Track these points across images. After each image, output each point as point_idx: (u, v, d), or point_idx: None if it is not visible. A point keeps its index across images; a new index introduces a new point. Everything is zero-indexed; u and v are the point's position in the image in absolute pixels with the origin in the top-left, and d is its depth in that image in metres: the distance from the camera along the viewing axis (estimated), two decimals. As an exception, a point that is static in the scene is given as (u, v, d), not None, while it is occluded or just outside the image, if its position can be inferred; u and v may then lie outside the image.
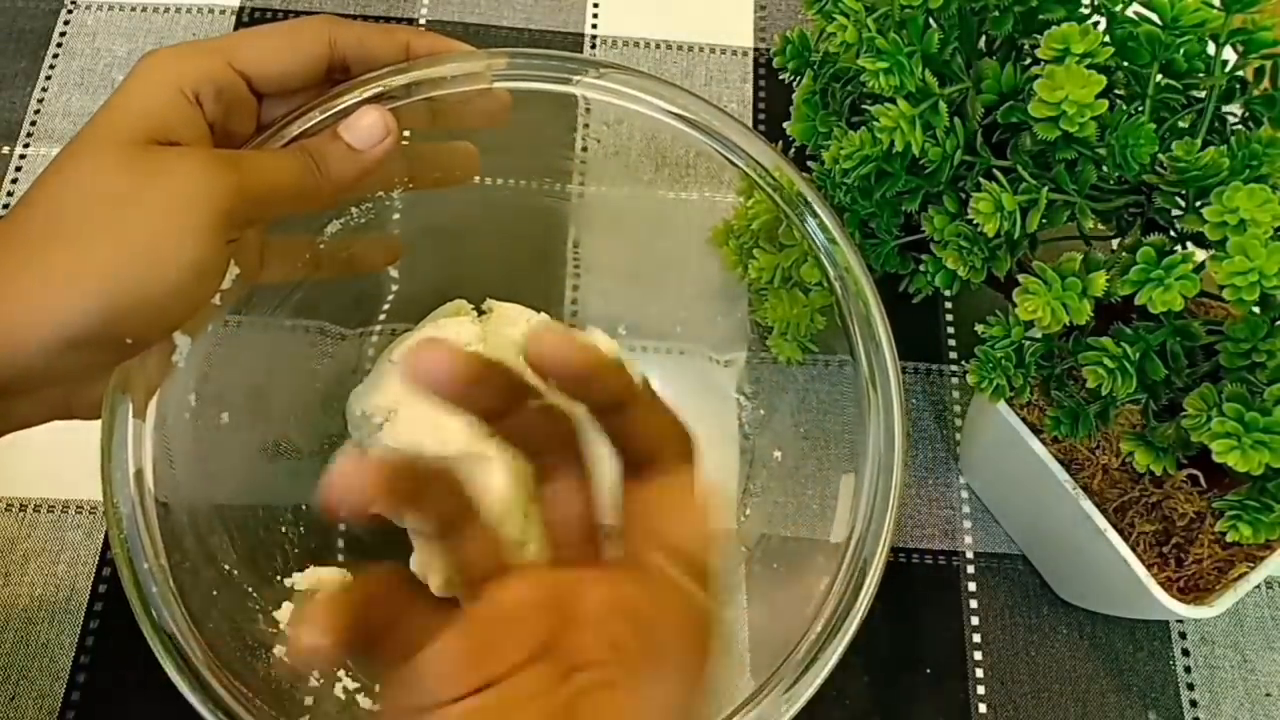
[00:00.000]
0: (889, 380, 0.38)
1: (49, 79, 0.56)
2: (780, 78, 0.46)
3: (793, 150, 0.45)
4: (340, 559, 0.44)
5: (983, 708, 0.46)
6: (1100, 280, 0.35)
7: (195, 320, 0.36)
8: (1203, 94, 0.37)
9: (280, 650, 0.39)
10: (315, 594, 0.42)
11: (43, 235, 0.31)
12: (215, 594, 0.37)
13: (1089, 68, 0.34)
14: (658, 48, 0.60)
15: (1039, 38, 0.35)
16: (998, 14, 0.38)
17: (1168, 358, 0.36)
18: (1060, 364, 0.39)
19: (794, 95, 0.45)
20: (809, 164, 0.44)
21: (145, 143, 0.32)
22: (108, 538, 0.45)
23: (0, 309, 0.30)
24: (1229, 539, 0.37)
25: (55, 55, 0.57)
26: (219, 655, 0.33)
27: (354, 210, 0.43)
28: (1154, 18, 0.35)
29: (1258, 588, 0.46)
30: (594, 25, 0.60)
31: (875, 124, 0.37)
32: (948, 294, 0.45)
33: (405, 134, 0.37)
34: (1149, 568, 0.40)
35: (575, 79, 0.40)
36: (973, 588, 0.49)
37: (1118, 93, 0.37)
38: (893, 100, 0.37)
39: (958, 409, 0.52)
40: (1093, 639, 0.48)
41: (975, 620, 0.48)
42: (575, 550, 0.31)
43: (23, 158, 0.54)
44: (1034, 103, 0.35)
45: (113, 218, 0.31)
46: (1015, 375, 0.39)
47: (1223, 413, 0.33)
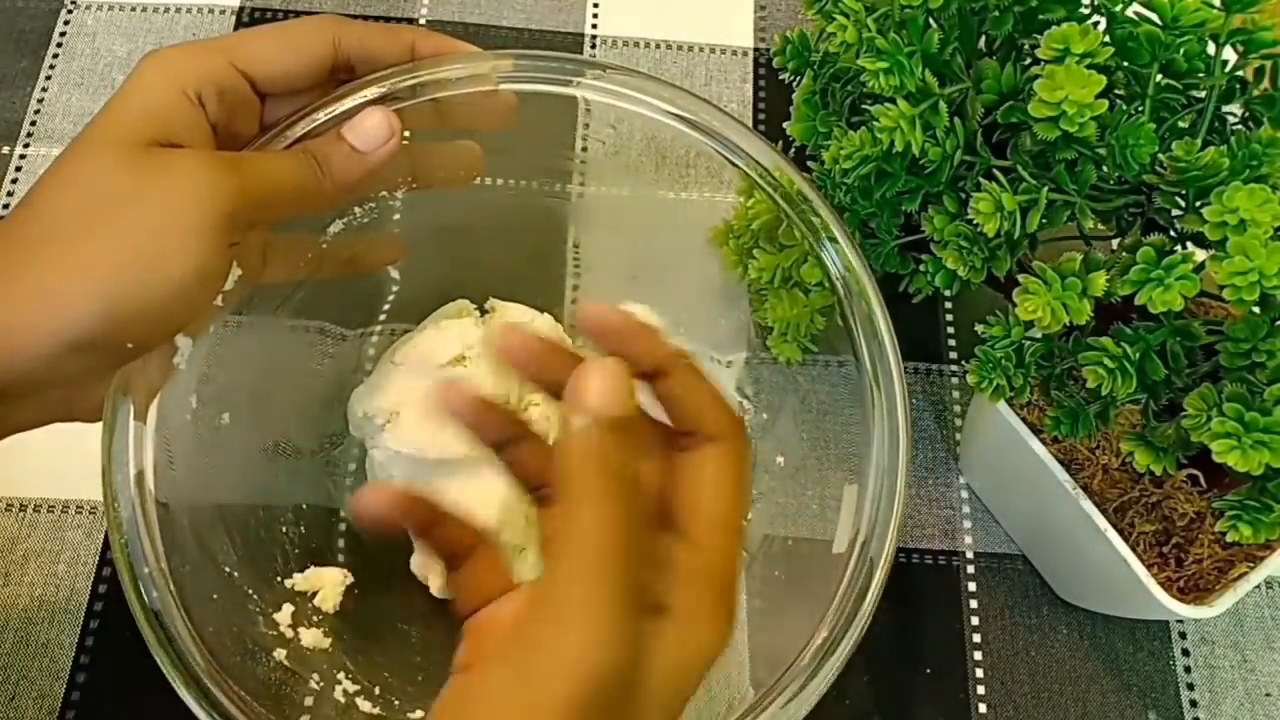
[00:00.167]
0: (892, 380, 0.38)
1: (49, 79, 0.56)
2: (780, 78, 0.46)
3: (793, 150, 0.45)
4: (341, 559, 0.44)
5: (983, 708, 0.46)
6: (1100, 280, 0.35)
7: (197, 322, 0.36)
8: (1203, 94, 0.37)
9: (281, 653, 0.39)
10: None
11: (43, 237, 0.31)
12: (216, 597, 0.37)
13: (1089, 68, 0.34)
14: (658, 48, 0.60)
15: (1039, 38, 0.35)
16: (998, 14, 0.38)
17: (1168, 358, 0.36)
18: (1060, 364, 0.39)
19: (794, 95, 0.45)
20: (809, 164, 0.44)
21: (147, 144, 0.32)
22: (108, 538, 0.45)
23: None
24: (1229, 539, 0.37)
25: (55, 55, 0.57)
26: (219, 659, 0.33)
27: (357, 210, 0.43)
28: (1154, 18, 0.35)
29: (1258, 588, 0.46)
30: (594, 25, 0.60)
31: (875, 124, 0.37)
32: (948, 294, 0.45)
33: (405, 134, 0.37)
34: (1149, 568, 0.40)
35: (575, 80, 0.40)
36: (973, 588, 0.49)
37: (1118, 93, 0.37)
38: (893, 100, 0.37)
39: (958, 409, 0.52)
40: (1093, 639, 0.48)
41: (975, 620, 0.48)
42: None
43: (23, 158, 0.54)
44: (1034, 103, 0.35)
45: (113, 221, 0.31)
46: (1015, 375, 0.39)
47: (1223, 413, 0.33)
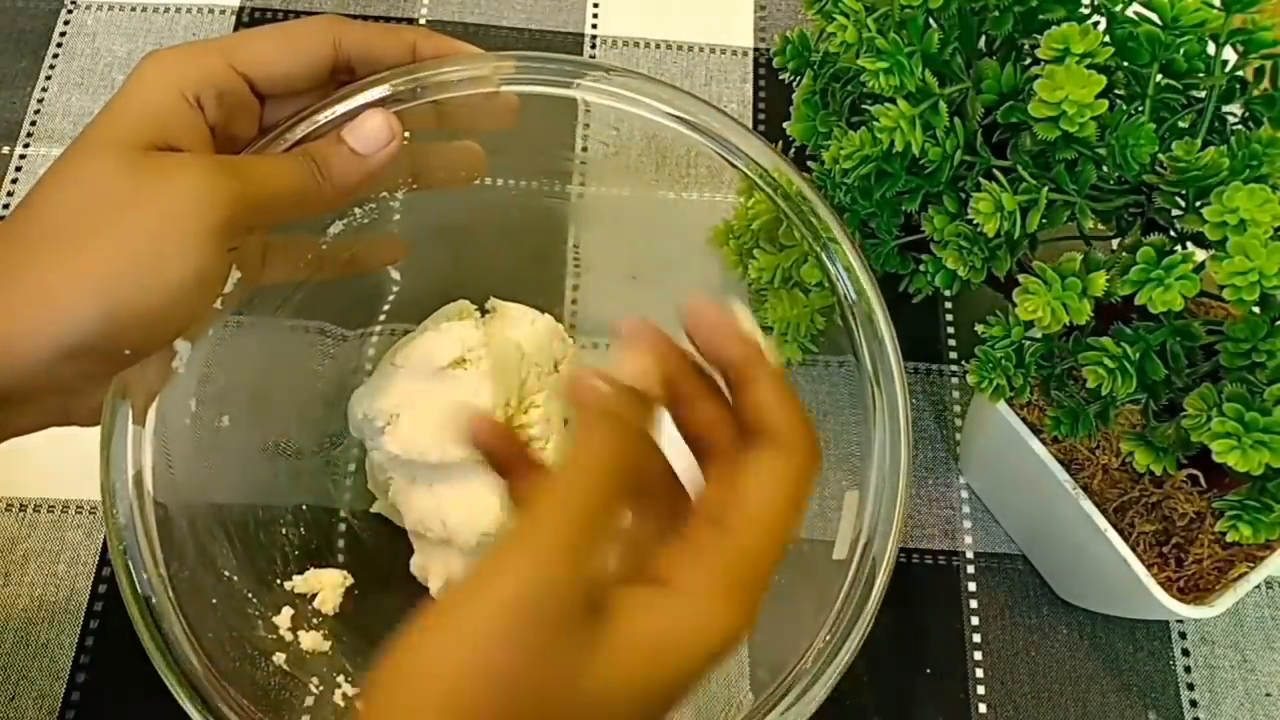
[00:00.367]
0: (893, 380, 0.38)
1: (49, 79, 0.56)
2: (780, 78, 0.46)
3: (793, 150, 0.45)
4: (340, 560, 0.44)
5: (983, 708, 0.46)
6: (1100, 280, 0.35)
7: (196, 325, 0.36)
8: (1203, 94, 0.37)
9: (280, 658, 0.39)
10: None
11: (41, 242, 0.30)
12: (215, 602, 0.36)
13: (1089, 68, 0.34)
14: (658, 48, 0.60)
15: (1039, 38, 0.35)
16: (998, 14, 0.38)
17: (1168, 358, 0.36)
18: (1060, 364, 0.39)
19: (794, 95, 0.45)
20: (809, 164, 0.44)
21: (145, 147, 0.31)
22: (108, 539, 0.45)
23: None
24: (1229, 539, 0.37)
25: (55, 55, 0.57)
26: (217, 665, 0.33)
27: (357, 211, 0.43)
28: (1154, 18, 0.35)
29: (1258, 588, 0.46)
30: (594, 25, 0.60)
31: (875, 124, 0.37)
32: (948, 294, 0.45)
33: (405, 134, 0.37)
34: (1149, 568, 0.40)
35: (575, 82, 0.40)
36: (973, 588, 0.49)
37: (1118, 93, 0.37)
38: (893, 100, 0.37)
39: (958, 409, 0.52)
40: (1093, 639, 0.48)
41: (975, 620, 0.48)
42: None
43: (23, 158, 0.54)
44: (1034, 103, 0.35)
45: (112, 226, 0.30)
46: (1015, 375, 0.39)
47: (1223, 413, 0.33)
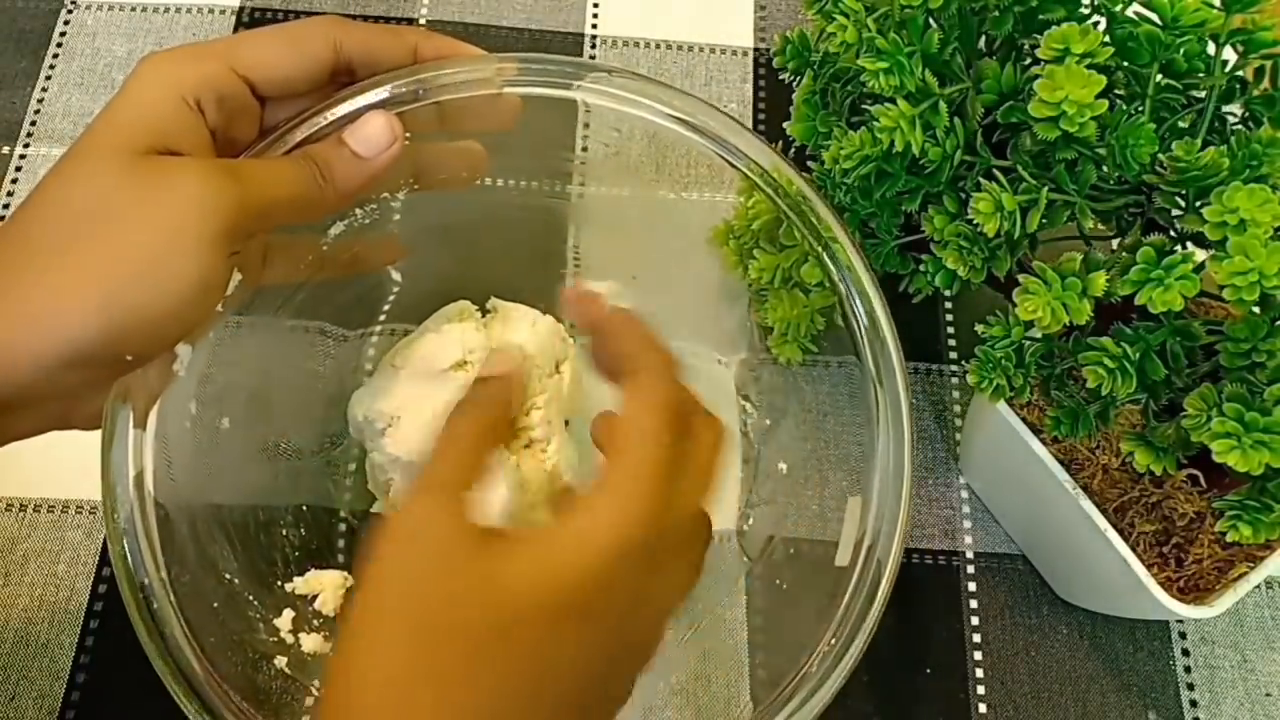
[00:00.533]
0: (895, 378, 0.38)
1: (49, 79, 0.56)
2: (780, 78, 0.46)
3: (793, 150, 0.45)
4: (341, 560, 0.44)
5: (983, 708, 0.46)
6: (1100, 280, 0.35)
7: (197, 329, 0.35)
8: (1203, 94, 0.37)
9: (281, 660, 0.39)
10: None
11: (40, 249, 0.30)
12: (216, 605, 0.36)
13: (1089, 68, 0.34)
14: (658, 48, 0.60)
15: (1039, 38, 0.35)
16: (998, 14, 0.38)
17: (1168, 358, 0.36)
18: (1060, 364, 0.39)
19: (794, 95, 0.45)
20: (809, 164, 0.44)
21: (145, 152, 0.31)
22: (108, 543, 0.45)
23: None
24: (1229, 539, 0.36)
25: (55, 55, 0.57)
26: (219, 670, 0.33)
27: (358, 211, 0.42)
28: (1154, 18, 0.35)
29: (1258, 588, 0.46)
30: (594, 25, 0.60)
31: (875, 124, 0.37)
32: (948, 294, 0.45)
33: (406, 135, 0.37)
34: (1149, 568, 0.40)
35: (575, 84, 0.40)
36: (973, 588, 0.49)
37: (1118, 93, 0.37)
38: (893, 100, 0.37)
39: (958, 409, 0.52)
40: (1093, 639, 0.48)
41: (975, 620, 0.48)
42: None
43: (23, 158, 0.54)
44: (1034, 103, 0.35)
45: (112, 234, 0.30)
46: (1015, 375, 0.39)
47: (1223, 413, 0.33)
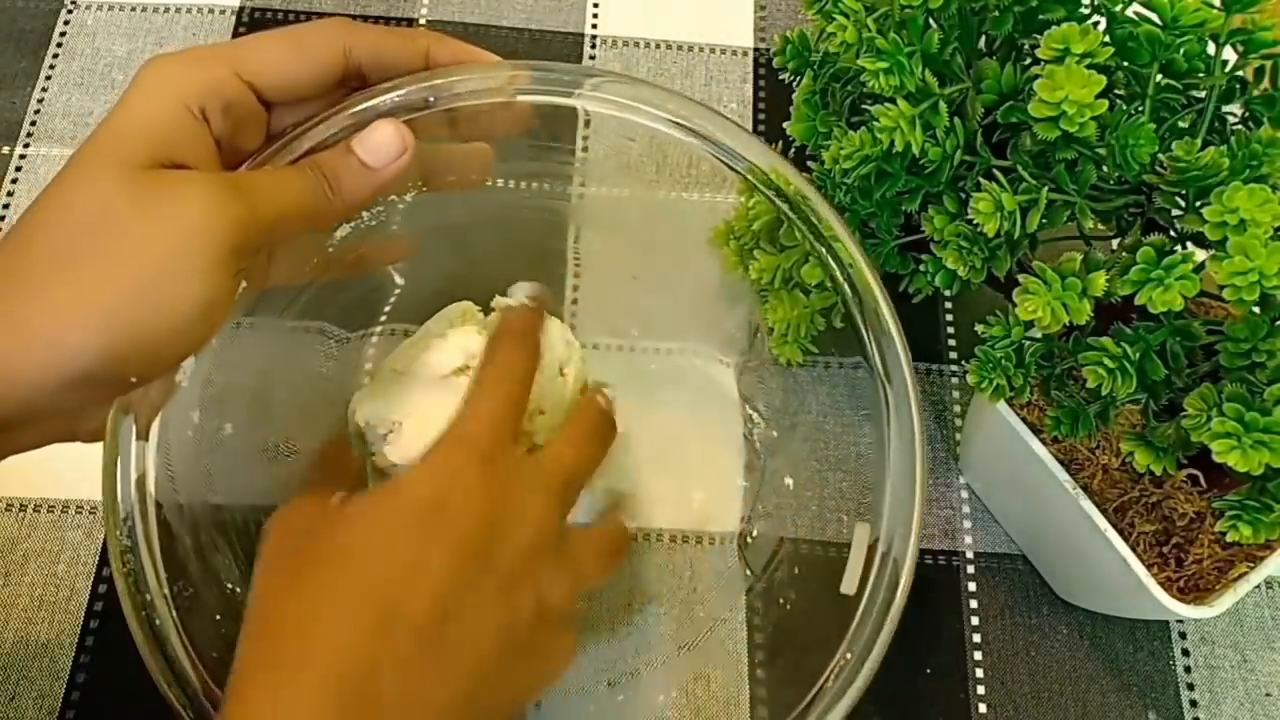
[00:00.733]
0: (903, 374, 0.37)
1: (49, 79, 0.56)
2: (780, 78, 0.46)
3: (793, 150, 0.45)
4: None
5: (983, 708, 0.46)
6: (1100, 280, 0.35)
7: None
8: (1203, 94, 0.37)
9: None
10: None
11: (39, 267, 0.29)
12: (218, 618, 0.36)
13: (1089, 68, 0.34)
14: (657, 48, 0.60)
15: (1039, 38, 0.35)
16: (998, 14, 0.38)
17: (1168, 358, 0.36)
18: (1060, 364, 0.39)
19: (794, 95, 0.45)
20: (809, 164, 0.44)
21: (148, 165, 0.30)
22: (111, 560, 0.45)
23: None
24: (1229, 539, 0.36)
25: (55, 55, 0.57)
26: (221, 684, 0.33)
27: (364, 214, 0.42)
28: (1154, 18, 0.35)
29: (1258, 588, 0.46)
30: (594, 25, 0.60)
31: (875, 124, 0.37)
32: (948, 294, 0.45)
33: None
34: (1149, 568, 0.40)
35: (575, 91, 0.39)
36: (973, 588, 0.49)
37: (1118, 93, 0.37)
38: (893, 100, 0.37)
39: (958, 409, 0.52)
40: (1093, 639, 0.48)
41: (975, 620, 0.48)
42: None
43: (23, 158, 0.54)
44: (1034, 103, 0.35)
45: (114, 253, 0.29)
46: (1015, 375, 0.39)
47: (1223, 413, 0.33)
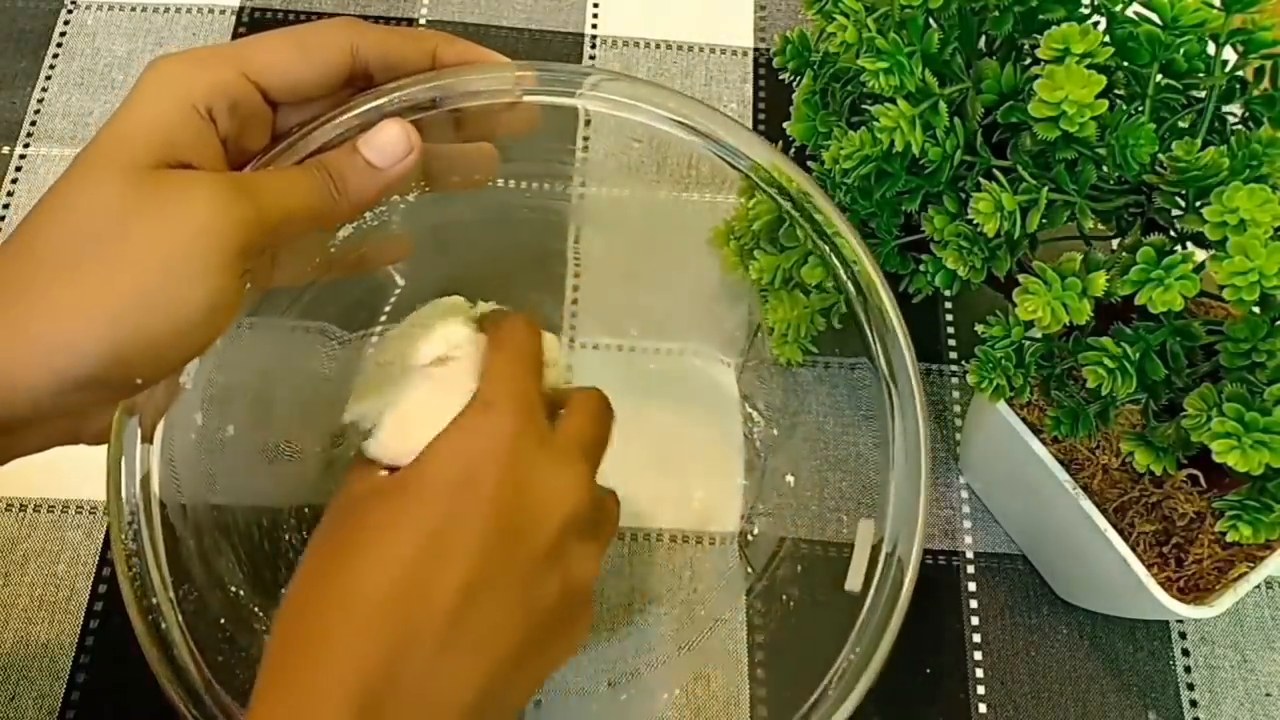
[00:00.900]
0: (908, 371, 0.37)
1: (49, 79, 0.56)
2: (780, 78, 0.46)
3: (793, 150, 0.45)
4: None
5: (983, 708, 0.46)
6: (1100, 280, 0.35)
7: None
8: (1203, 94, 0.37)
9: None
10: None
11: (43, 270, 0.29)
12: (222, 621, 0.36)
13: (1089, 68, 0.34)
14: (658, 48, 0.60)
15: (1039, 38, 0.35)
16: (998, 14, 0.38)
17: (1168, 358, 0.36)
18: (1060, 364, 0.39)
19: (794, 95, 0.45)
20: (809, 164, 0.44)
21: (154, 166, 0.30)
22: (108, 538, 0.45)
23: None
24: (1229, 539, 0.37)
25: (55, 55, 0.57)
26: (226, 687, 0.33)
27: (367, 215, 0.42)
28: (1154, 18, 0.35)
29: (1258, 588, 0.46)
30: (594, 25, 0.60)
31: (875, 124, 0.37)
32: (948, 294, 0.45)
33: None
34: (1149, 568, 0.40)
35: (575, 91, 0.39)
36: (973, 588, 0.49)
37: (1118, 93, 0.37)
38: (893, 100, 0.37)
39: (958, 409, 0.52)
40: (1093, 639, 0.48)
41: (975, 620, 0.48)
42: None
43: (23, 158, 0.54)
44: (1034, 103, 0.35)
45: (119, 255, 0.28)
46: (1015, 375, 0.39)
47: (1223, 413, 0.33)
